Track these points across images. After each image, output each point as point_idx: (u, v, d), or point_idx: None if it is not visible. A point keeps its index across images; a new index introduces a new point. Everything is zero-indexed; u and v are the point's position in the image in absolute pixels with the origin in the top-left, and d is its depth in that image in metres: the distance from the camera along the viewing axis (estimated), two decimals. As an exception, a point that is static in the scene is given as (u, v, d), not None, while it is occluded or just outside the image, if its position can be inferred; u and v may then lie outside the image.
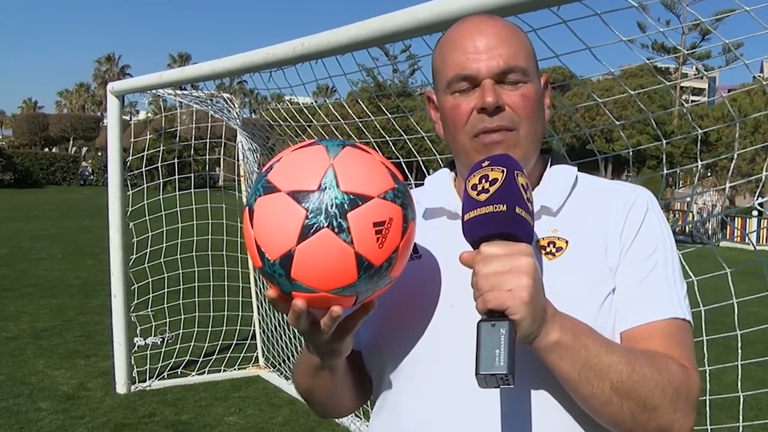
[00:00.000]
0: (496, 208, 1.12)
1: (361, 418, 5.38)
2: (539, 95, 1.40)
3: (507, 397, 1.25)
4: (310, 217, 1.08)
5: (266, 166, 1.19)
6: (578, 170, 1.48)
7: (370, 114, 4.95)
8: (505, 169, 1.16)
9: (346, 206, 1.08)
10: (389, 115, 4.68)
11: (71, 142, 73.08)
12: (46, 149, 65.99)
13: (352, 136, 5.14)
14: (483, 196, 1.14)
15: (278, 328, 7.21)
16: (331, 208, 1.08)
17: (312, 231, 1.08)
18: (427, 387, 1.32)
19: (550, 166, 1.47)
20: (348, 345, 1.27)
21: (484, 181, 1.16)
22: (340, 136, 5.31)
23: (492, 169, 1.17)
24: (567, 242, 1.31)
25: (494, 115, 1.32)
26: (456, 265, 1.31)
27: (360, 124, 5.12)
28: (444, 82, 1.39)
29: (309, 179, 1.10)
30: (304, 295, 1.13)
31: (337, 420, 5.61)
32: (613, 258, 1.32)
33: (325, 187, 1.09)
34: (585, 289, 1.28)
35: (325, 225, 1.08)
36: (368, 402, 1.55)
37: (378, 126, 5.00)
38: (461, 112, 1.36)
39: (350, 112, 5.03)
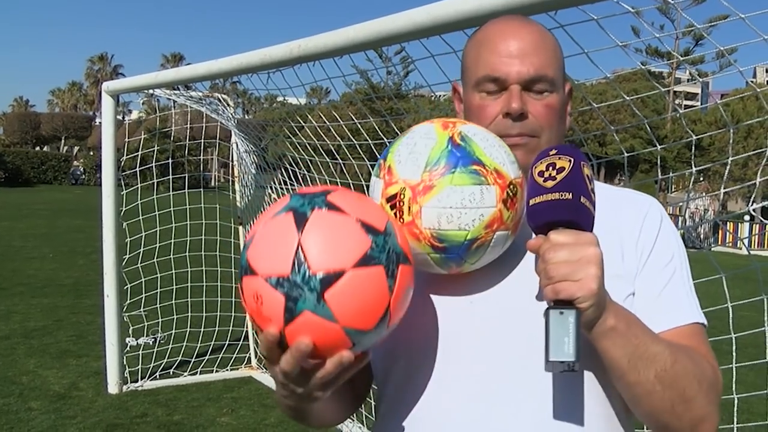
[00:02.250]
0: (562, 195, 1.15)
1: (353, 420, 5.38)
2: (563, 105, 1.43)
3: (528, 397, 1.27)
4: (288, 301, 1.08)
5: (248, 237, 1.19)
6: None
7: (365, 115, 4.95)
8: (572, 159, 1.18)
9: (320, 288, 1.07)
10: (386, 117, 4.68)
11: (63, 141, 72.91)
12: (38, 148, 65.70)
13: (347, 137, 5.15)
14: (550, 183, 1.16)
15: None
16: (309, 292, 1.07)
17: (295, 315, 1.08)
18: (446, 384, 1.32)
19: None
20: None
21: (551, 168, 1.18)
22: (335, 137, 5.31)
23: (560, 158, 1.19)
24: None
25: (518, 121, 1.35)
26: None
27: (352, 126, 5.12)
28: (473, 80, 1.41)
29: (280, 262, 1.10)
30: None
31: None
32: (631, 264, 1.36)
33: (298, 269, 1.08)
34: None
35: (305, 308, 1.08)
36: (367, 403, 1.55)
37: (375, 126, 5.01)
38: (487, 114, 1.38)
39: (344, 113, 5.04)
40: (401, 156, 1.28)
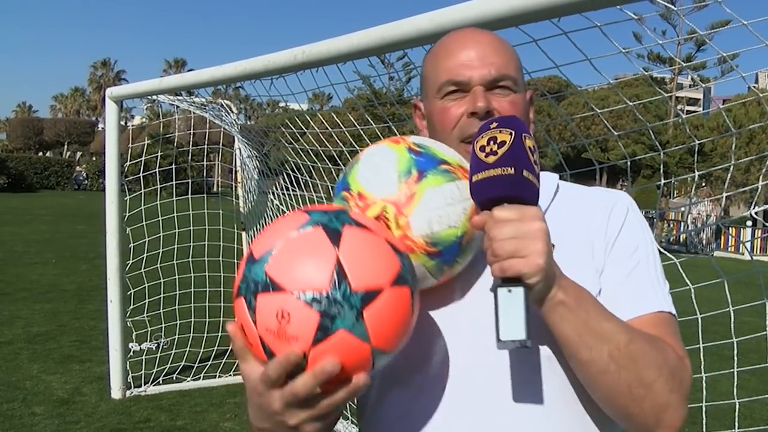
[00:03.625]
0: (504, 171, 1.12)
1: (356, 425, 5.38)
2: (526, 107, 1.43)
3: (504, 404, 1.27)
4: (323, 318, 1.03)
5: (257, 252, 1.11)
6: (568, 177, 1.51)
7: (367, 120, 4.97)
8: (513, 132, 1.16)
9: (360, 306, 1.04)
10: (388, 122, 4.70)
11: (66, 146, 72.95)
12: (41, 153, 65.78)
13: (349, 142, 5.16)
14: (491, 158, 1.14)
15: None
16: (349, 309, 1.03)
17: (329, 333, 1.03)
18: (425, 398, 1.32)
19: None
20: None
21: (492, 143, 1.16)
22: (337, 142, 5.33)
23: (500, 131, 1.16)
24: (553, 245, 1.28)
25: (484, 120, 1.33)
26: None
27: (354, 132, 5.14)
28: (435, 87, 1.41)
29: (317, 277, 1.04)
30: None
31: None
32: (599, 259, 1.36)
33: (338, 285, 1.04)
34: None
35: (342, 326, 1.03)
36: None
37: (377, 131, 5.03)
38: (450, 116, 1.39)
39: (346, 119, 5.06)
40: (368, 178, 1.28)
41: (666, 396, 1.21)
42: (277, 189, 7.41)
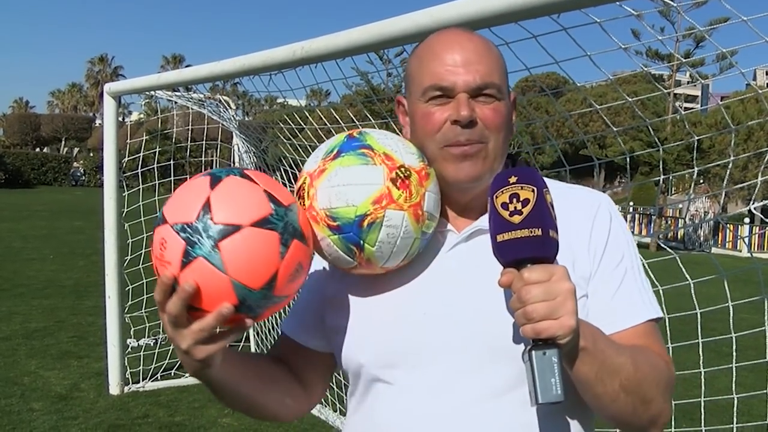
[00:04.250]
0: (532, 232, 1.14)
1: (337, 410, 5.38)
2: (509, 112, 1.43)
3: (483, 402, 1.31)
4: (187, 245, 1.18)
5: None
6: (567, 174, 1.52)
7: (365, 116, 4.97)
8: (535, 189, 1.17)
9: (217, 237, 1.17)
10: (387, 118, 4.70)
11: (63, 142, 72.90)
12: (38, 149, 65.74)
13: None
14: (517, 218, 1.15)
15: (272, 330, 7.21)
16: (207, 239, 1.17)
17: (191, 259, 1.18)
18: (404, 393, 1.36)
19: None
20: (214, 360, 1.29)
21: (515, 200, 1.17)
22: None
23: (522, 188, 1.17)
24: None
25: (467, 128, 1.35)
26: (428, 271, 1.40)
27: (352, 128, 5.13)
28: (419, 90, 1.41)
29: (188, 210, 1.21)
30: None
31: (330, 422, 5.63)
32: (584, 267, 1.38)
33: (202, 218, 1.19)
34: None
35: (201, 254, 1.18)
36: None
37: (375, 127, 5.02)
38: (434, 121, 1.38)
39: (344, 115, 5.05)
40: (310, 156, 1.43)
41: (661, 406, 1.31)
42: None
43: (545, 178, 1.47)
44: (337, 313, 1.48)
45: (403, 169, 1.33)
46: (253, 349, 7.41)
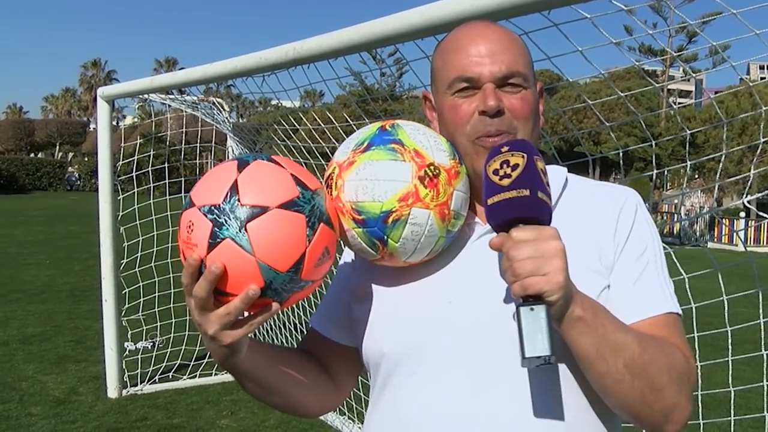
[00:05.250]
0: (519, 192, 1.16)
1: (354, 421, 5.39)
2: (536, 101, 1.43)
3: (509, 392, 1.29)
4: (214, 227, 1.18)
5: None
6: (568, 171, 1.52)
7: (359, 116, 4.97)
8: (525, 155, 1.20)
9: (244, 218, 1.18)
10: (381, 118, 4.69)
11: (57, 147, 72.80)
12: (32, 155, 65.61)
13: (342, 138, 5.15)
14: (506, 181, 1.18)
15: (270, 331, 7.22)
16: (234, 220, 1.18)
17: (218, 241, 1.18)
18: (427, 383, 1.35)
19: None
20: (240, 346, 1.31)
21: (505, 166, 1.19)
22: (330, 138, 5.33)
23: (512, 155, 1.20)
24: None
25: (495, 117, 1.35)
26: (454, 262, 1.39)
27: (347, 128, 5.14)
28: (445, 83, 1.41)
29: (215, 193, 1.22)
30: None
31: (329, 422, 5.63)
32: (608, 258, 1.37)
33: (229, 199, 1.20)
34: (578, 287, 1.28)
35: (228, 235, 1.18)
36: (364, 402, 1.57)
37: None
38: (462, 113, 1.38)
39: (338, 115, 5.05)
40: (341, 146, 1.42)
41: (675, 398, 1.26)
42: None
43: (572, 174, 1.50)
44: (362, 303, 1.49)
45: (432, 167, 1.33)
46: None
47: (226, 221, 1.18)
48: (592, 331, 1.20)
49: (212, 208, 1.19)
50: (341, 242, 1.40)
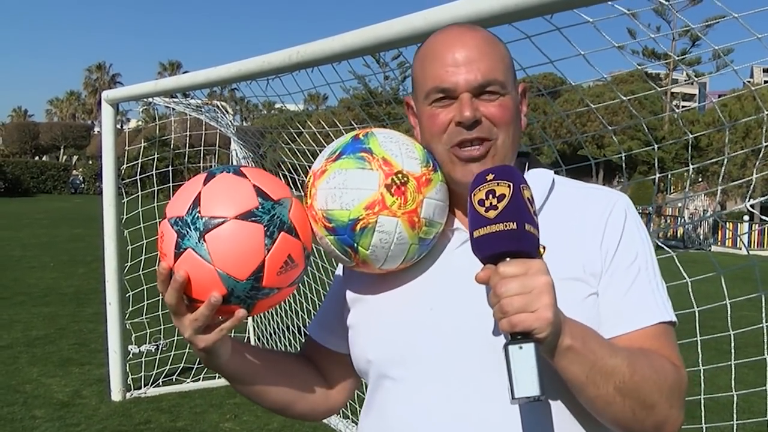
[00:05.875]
0: (506, 225, 1.13)
1: (357, 424, 5.38)
2: (516, 105, 1.42)
3: (492, 398, 1.28)
4: (178, 238, 1.26)
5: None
6: (565, 174, 1.51)
7: (363, 120, 4.98)
8: (511, 184, 1.16)
9: (203, 229, 1.24)
10: (385, 121, 4.71)
11: (62, 150, 72.78)
12: (37, 158, 65.69)
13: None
14: (492, 213, 1.14)
15: (273, 335, 7.22)
16: (194, 231, 1.25)
17: (181, 251, 1.25)
18: (413, 389, 1.36)
19: (527, 170, 1.50)
20: (218, 350, 1.37)
21: (491, 196, 1.16)
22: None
23: (498, 184, 1.16)
24: (544, 248, 1.27)
25: (472, 128, 1.35)
26: (435, 268, 1.40)
27: (350, 131, 5.13)
28: (423, 93, 1.41)
29: (181, 205, 1.29)
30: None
31: (332, 425, 5.63)
32: (594, 265, 1.35)
33: (191, 212, 1.26)
34: (559, 294, 1.22)
35: (189, 245, 1.25)
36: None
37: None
38: (439, 123, 1.38)
39: (342, 118, 5.05)
40: (319, 155, 1.46)
41: (666, 412, 1.26)
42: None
43: (562, 177, 1.49)
44: (352, 311, 1.50)
45: (400, 175, 1.33)
46: (253, 343, 7.40)
47: (187, 232, 1.25)
48: (582, 359, 1.18)
49: (177, 219, 1.27)
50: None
